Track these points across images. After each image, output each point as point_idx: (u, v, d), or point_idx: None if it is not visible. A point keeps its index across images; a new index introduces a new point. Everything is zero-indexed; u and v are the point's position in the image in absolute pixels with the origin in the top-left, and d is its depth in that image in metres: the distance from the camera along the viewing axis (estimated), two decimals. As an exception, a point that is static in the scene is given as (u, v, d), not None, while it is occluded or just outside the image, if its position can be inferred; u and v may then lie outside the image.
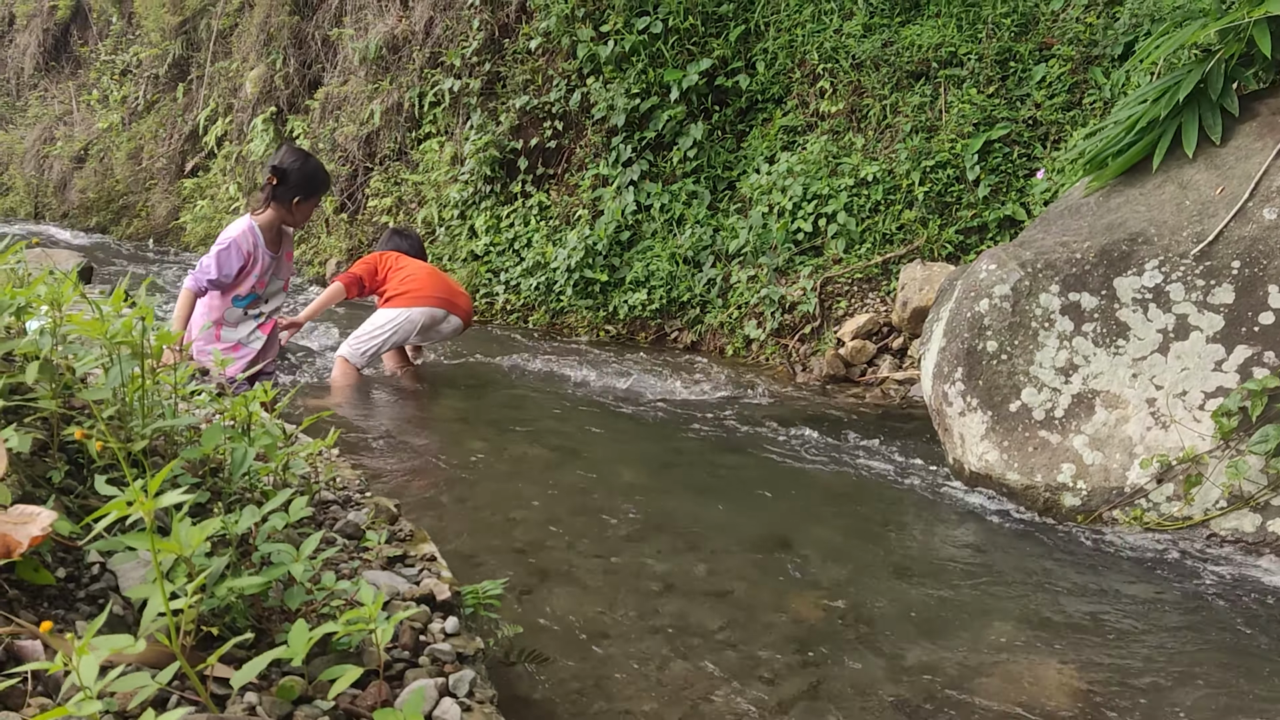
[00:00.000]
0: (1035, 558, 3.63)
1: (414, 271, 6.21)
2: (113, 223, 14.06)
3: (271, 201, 5.25)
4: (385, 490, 3.85)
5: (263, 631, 1.77)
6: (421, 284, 6.15)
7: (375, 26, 10.29)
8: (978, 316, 4.28)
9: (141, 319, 1.89)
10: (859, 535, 3.84)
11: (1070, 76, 6.56)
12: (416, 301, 6.08)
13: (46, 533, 1.53)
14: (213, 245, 5.22)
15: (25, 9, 16.27)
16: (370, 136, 10.27)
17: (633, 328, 7.74)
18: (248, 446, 2.00)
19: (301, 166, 5.28)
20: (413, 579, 2.24)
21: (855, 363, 6.45)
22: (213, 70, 12.73)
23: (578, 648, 2.82)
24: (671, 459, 4.75)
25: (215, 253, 5.16)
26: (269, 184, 5.21)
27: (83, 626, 1.57)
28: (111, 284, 8.86)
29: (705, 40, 8.01)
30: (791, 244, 7.09)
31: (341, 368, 6.05)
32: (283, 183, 5.21)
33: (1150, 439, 3.84)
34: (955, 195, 6.69)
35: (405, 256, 6.35)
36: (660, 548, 3.62)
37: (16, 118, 16.44)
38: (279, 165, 5.23)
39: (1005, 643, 2.96)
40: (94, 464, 1.91)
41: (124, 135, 14.05)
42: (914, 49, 7.08)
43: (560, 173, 8.72)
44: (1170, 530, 3.73)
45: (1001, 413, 4.15)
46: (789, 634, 2.98)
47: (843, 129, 7.36)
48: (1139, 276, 4.02)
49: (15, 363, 2.04)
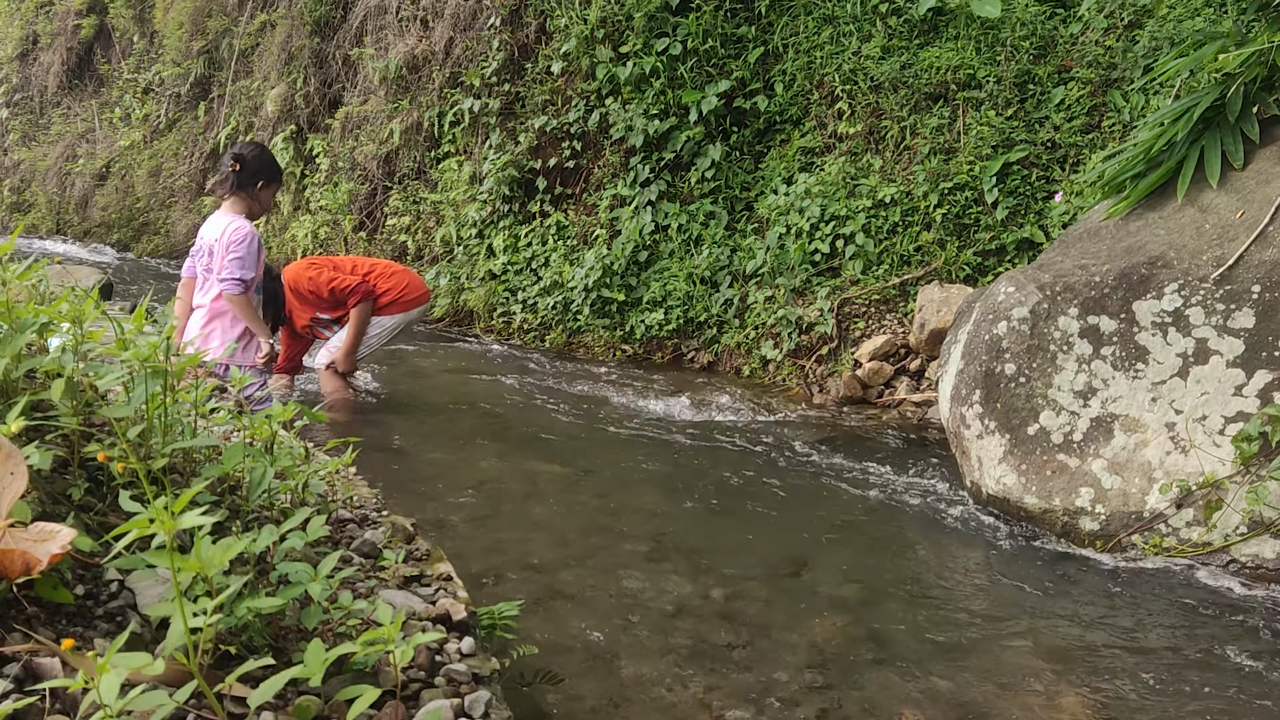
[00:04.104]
0: (1053, 582, 3.61)
1: (394, 271, 6.15)
2: (133, 240, 14.16)
3: (236, 190, 5.22)
4: (401, 508, 3.85)
5: (279, 650, 1.77)
6: (411, 283, 6.11)
7: (395, 46, 10.36)
8: (996, 339, 4.27)
9: (166, 338, 1.90)
10: (875, 557, 3.83)
11: (1089, 99, 6.55)
12: (414, 304, 6.08)
13: (66, 550, 1.54)
14: (227, 245, 5.06)
15: (50, 28, 16.43)
16: (389, 155, 10.32)
17: (649, 348, 7.74)
18: (268, 465, 2.00)
19: (260, 153, 5.33)
20: (429, 598, 2.24)
21: (872, 384, 6.43)
22: (234, 89, 12.83)
23: (593, 669, 2.81)
24: (687, 479, 4.75)
25: (244, 249, 5.04)
26: (232, 171, 5.19)
27: (101, 644, 1.58)
28: (132, 301, 8.92)
29: (724, 62, 8.04)
30: (809, 265, 7.09)
31: (334, 380, 5.98)
32: (245, 169, 5.21)
33: (1170, 464, 3.82)
34: (973, 217, 6.68)
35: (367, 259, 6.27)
36: (676, 568, 3.61)
37: (40, 135, 16.59)
38: (239, 153, 5.23)
39: (1023, 668, 2.94)
40: (114, 481, 1.92)
41: (145, 153, 14.16)
42: (932, 71, 7.08)
43: (578, 192, 8.75)
44: (1190, 556, 3.71)
45: (1019, 436, 4.13)
46: (805, 656, 2.97)
47: (861, 150, 7.36)
48: (1158, 300, 4.01)
49: (37, 380, 2.05)
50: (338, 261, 6.11)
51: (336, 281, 5.90)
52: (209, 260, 5.13)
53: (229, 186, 5.21)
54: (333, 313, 6.05)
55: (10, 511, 1.55)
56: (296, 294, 5.97)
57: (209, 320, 5.13)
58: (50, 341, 2.10)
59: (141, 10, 14.82)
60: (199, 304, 5.18)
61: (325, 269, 5.98)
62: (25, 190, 16.47)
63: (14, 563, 1.50)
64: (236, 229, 5.09)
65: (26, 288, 2.38)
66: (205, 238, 5.18)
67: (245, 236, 5.04)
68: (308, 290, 5.92)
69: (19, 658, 1.44)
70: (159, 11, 14.19)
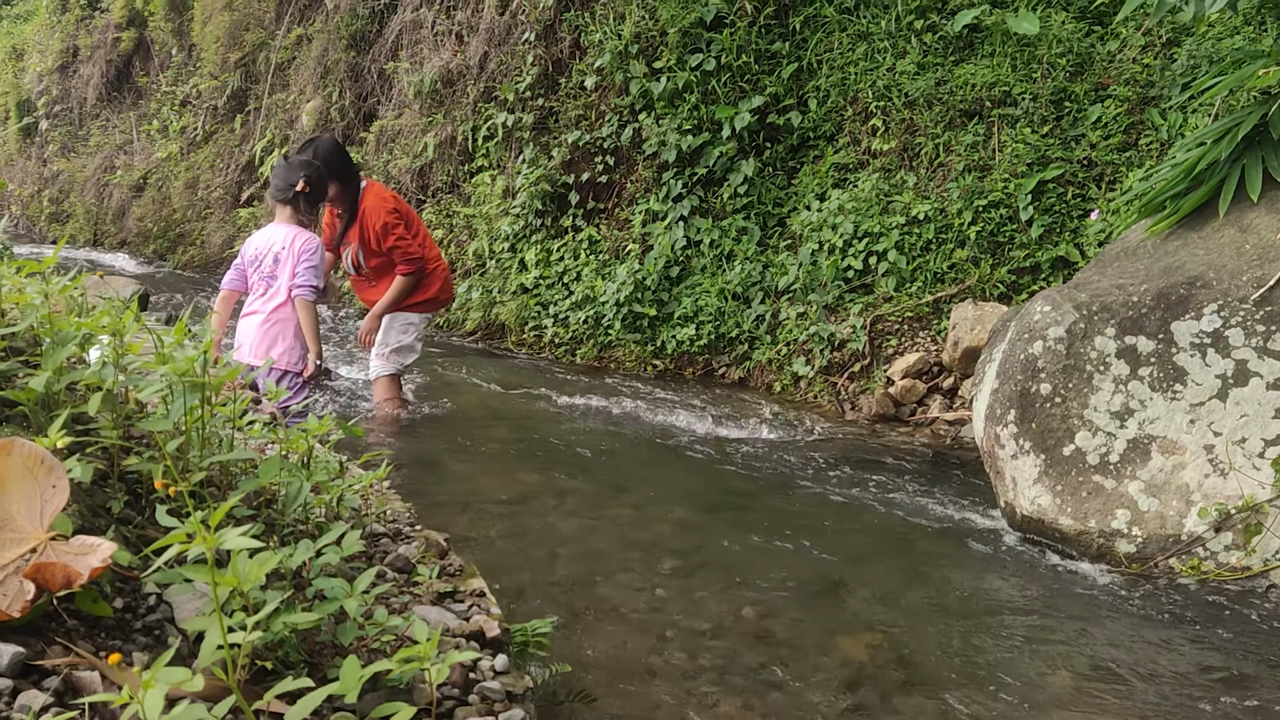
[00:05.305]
0: (1088, 605, 3.57)
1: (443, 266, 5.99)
2: (169, 251, 14.27)
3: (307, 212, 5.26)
4: (433, 523, 3.86)
5: (314, 665, 1.78)
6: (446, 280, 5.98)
7: (431, 61, 10.41)
8: (1031, 358, 4.23)
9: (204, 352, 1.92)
10: (908, 577, 3.80)
11: (1126, 117, 6.50)
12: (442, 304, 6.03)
13: (106, 564, 1.55)
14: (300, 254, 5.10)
15: (90, 41, 16.63)
16: (424, 169, 10.37)
17: (680, 363, 7.73)
18: (304, 480, 2.01)
19: (322, 174, 5.33)
20: (462, 614, 2.24)
21: (905, 402, 6.39)
22: (270, 102, 12.94)
23: (626, 687, 2.80)
24: (718, 496, 4.73)
25: (317, 259, 5.13)
26: (300, 192, 5.19)
27: (139, 657, 1.59)
28: (168, 311, 9.01)
29: (758, 77, 8.03)
30: (841, 281, 7.06)
31: (390, 389, 5.90)
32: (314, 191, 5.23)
33: (1208, 486, 3.77)
34: (1008, 235, 6.64)
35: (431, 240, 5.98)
36: (707, 586, 3.59)
37: (79, 146, 16.78)
38: (308, 176, 5.19)
39: (1057, 692, 2.91)
40: (153, 494, 1.93)
41: (182, 165, 14.29)
42: (967, 88, 7.05)
43: (611, 207, 8.76)
44: (1229, 580, 3.65)
45: (1055, 456, 4.09)
46: (837, 676, 2.94)
47: (894, 167, 7.34)
48: (1197, 321, 3.96)
49: (78, 392, 2.07)
50: (417, 222, 5.89)
51: (403, 242, 5.63)
52: (273, 268, 5.15)
53: (298, 205, 5.23)
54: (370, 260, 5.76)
55: (52, 524, 1.56)
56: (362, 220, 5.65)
57: (270, 326, 5.15)
58: (90, 353, 2.11)
59: (180, 24, 14.98)
60: (256, 310, 5.19)
61: (403, 223, 5.69)
62: (64, 201, 16.67)
63: (55, 576, 1.51)
64: (309, 239, 5.18)
65: (67, 299, 2.40)
66: (263, 248, 5.17)
67: (317, 247, 5.18)
68: (373, 224, 5.61)
69: (59, 671, 1.45)
70: (197, 25, 14.34)
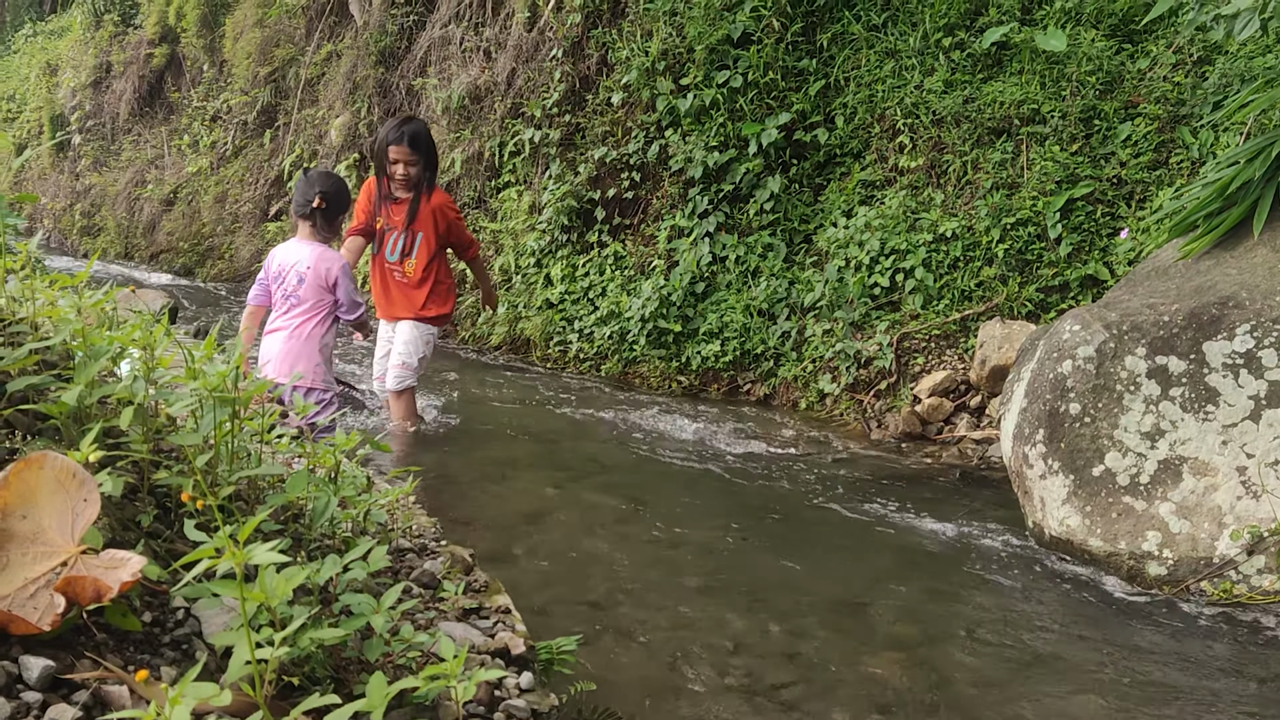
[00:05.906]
0: (1118, 628, 3.53)
1: None
2: (198, 264, 14.38)
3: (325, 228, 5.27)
4: (457, 538, 3.86)
5: (340, 681, 1.77)
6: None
7: (459, 77, 10.47)
8: (1060, 378, 4.20)
9: (235, 367, 1.92)
10: (934, 597, 3.77)
11: (1156, 135, 6.46)
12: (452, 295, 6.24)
13: (136, 578, 1.55)
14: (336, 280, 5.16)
15: (123, 57, 16.83)
16: (450, 185, 10.41)
17: (705, 379, 7.71)
18: (331, 495, 2.01)
19: (339, 188, 5.32)
20: (488, 631, 2.24)
21: (931, 420, 6.36)
22: (299, 117, 13.04)
23: (650, 706, 2.79)
24: (743, 513, 4.71)
25: (348, 278, 5.21)
26: (317, 209, 5.19)
27: (167, 671, 1.59)
28: (197, 324, 9.07)
29: (785, 94, 8.03)
30: (868, 298, 7.04)
31: (413, 402, 5.93)
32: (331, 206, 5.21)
33: (1241, 509, 3.73)
34: (1036, 253, 6.60)
35: None
36: (732, 604, 3.58)
37: (110, 161, 16.96)
38: (324, 190, 5.19)
39: (1086, 715, 2.88)
40: (182, 508, 1.94)
41: (212, 179, 14.41)
42: (996, 105, 7.03)
43: (636, 223, 8.77)
44: (1262, 604, 3.61)
45: (1084, 477, 4.06)
46: (863, 696, 2.92)
47: (922, 184, 7.31)
48: (1229, 341, 3.93)
49: (109, 406, 2.08)
50: None
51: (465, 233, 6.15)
52: (296, 287, 5.15)
53: (315, 221, 5.22)
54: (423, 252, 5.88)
55: (83, 538, 1.57)
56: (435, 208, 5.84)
57: (294, 343, 5.15)
58: (121, 367, 2.13)
59: (212, 40, 15.13)
60: (280, 327, 5.20)
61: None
62: (95, 214, 16.83)
63: (85, 589, 1.52)
64: (333, 262, 5.18)
65: (99, 313, 2.42)
66: (287, 264, 5.16)
67: (344, 267, 5.23)
68: (450, 213, 5.94)
69: (88, 685, 1.45)
70: (229, 41, 14.49)
